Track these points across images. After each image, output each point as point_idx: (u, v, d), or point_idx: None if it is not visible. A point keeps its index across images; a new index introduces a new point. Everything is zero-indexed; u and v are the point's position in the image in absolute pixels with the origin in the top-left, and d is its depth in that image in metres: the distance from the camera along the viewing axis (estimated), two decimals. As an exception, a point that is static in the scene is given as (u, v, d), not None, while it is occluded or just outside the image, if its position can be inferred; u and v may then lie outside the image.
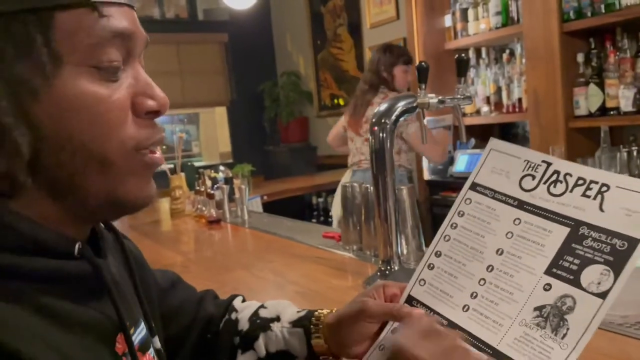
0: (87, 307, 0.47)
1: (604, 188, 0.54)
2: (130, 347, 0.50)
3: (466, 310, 0.58)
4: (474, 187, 0.64)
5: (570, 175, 0.57)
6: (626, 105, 2.27)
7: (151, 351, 0.57)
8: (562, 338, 0.51)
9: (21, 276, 0.42)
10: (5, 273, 0.41)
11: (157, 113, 0.49)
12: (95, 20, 0.43)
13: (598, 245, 0.52)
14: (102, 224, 0.56)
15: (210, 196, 2.12)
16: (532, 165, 0.60)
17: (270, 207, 2.99)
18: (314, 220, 3.76)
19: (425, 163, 3.24)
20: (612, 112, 2.34)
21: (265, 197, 3.05)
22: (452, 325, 0.58)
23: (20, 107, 0.41)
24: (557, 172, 0.58)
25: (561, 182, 0.57)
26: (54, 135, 0.43)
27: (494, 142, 0.65)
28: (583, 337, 0.50)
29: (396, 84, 2.66)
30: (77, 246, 0.46)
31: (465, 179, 0.66)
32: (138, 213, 0.55)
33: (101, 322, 0.48)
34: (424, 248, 1.37)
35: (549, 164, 0.59)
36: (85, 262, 0.47)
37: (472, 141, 3.12)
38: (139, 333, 0.55)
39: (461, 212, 0.64)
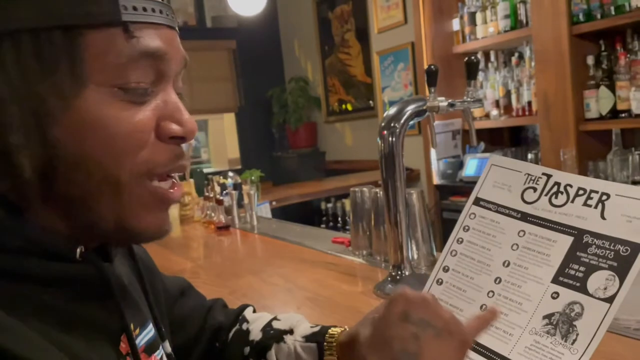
0: (92, 307, 0.47)
1: (604, 197, 0.56)
2: (133, 348, 0.50)
3: None
4: (478, 202, 0.66)
5: (571, 186, 0.59)
6: (637, 107, 2.25)
7: (159, 353, 0.57)
8: (572, 343, 0.52)
9: (22, 278, 0.42)
10: (6, 275, 0.41)
11: (182, 139, 0.47)
12: (125, 41, 0.42)
13: (602, 252, 0.54)
14: None
15: (220, 202, 2.12)
16: (533, 178, 0.62)
17: (279, 213, 2.99)
18: (322, 226, 3.75)
19: (434, 167, 3.23)
20: (623, 115, 2.32)
21: (274, 203, 3.04)
22: None
23: (36, 127, 0.41)
24: (557, 183, 0.60)
25: (562, 193, 0.59)
26: (70, 154, 0.42)
27: (494, 158, 0.67)
28: (593, 341, 0.51)
29: None
30: (78, 250, 0.46)
31: (476, 183, 0.67)
32: None
33: (105, 322, 0.48)
34: (434, 253, 1.36)
35: (549, 176, 0.61)
36: (89, 265, 0.47)
37: (482, 145, 3.10)
38: (146, 335, 0.55)
39: (466, 227, 0.65)
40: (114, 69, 0.42)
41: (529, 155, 2.88)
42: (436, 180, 3.23)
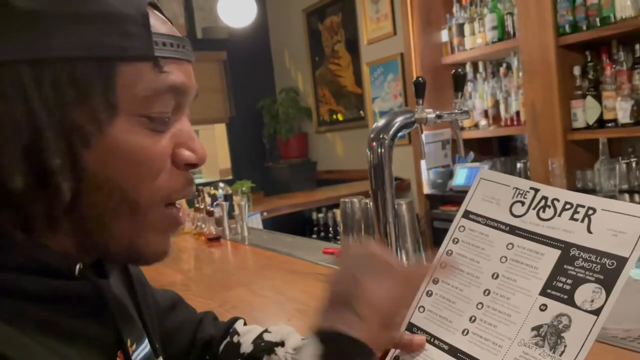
0: (89, 323, 0.48)
1: (591, 211, 0.57)
2: None
3: (466, 334, 0.59)
4: (467, 215, 0.66)
5: (558, 201, 0.60)
6: (624, 117, 2.28)
7: None
8: (561, 355, 0.52)
9: (22, 295, 0.43)
10: (6, 292, 0.42)
11: (194, 166, 0.50)
12: (155, 74, 0.45)
13: (589, 265, 0.54)
14: None
15: (210, 213, 2.12)
16: (521, 192, 0.63)
17: (270, 224, 2.98)
18: (314, 236, 3.75)
19: (424, 176, 3.24)
20: (610, 124, 2.35)
21: (265, 214, 3.04)
22: (452, 349, 0.60)
23: (70, 151, 0.42)
24: (545, 197, 0.61)
25: (549, 207, 0.60)
26: (95, 177, 0.44)
27: (483, 172, 0.68)
28: (580, 353, 0.51)
29: None
30: (77, 267, 0.47)
31: (465, 192, 0.68)
32: None
33: (102, 338, 0.49)
34: (424, 263, 1.37)
35: (537, 190, 0.62)
36: (87, 282, 0.47)
37: (471, 155, 3.12)
38: (142, 351, 0.56)
39: (456, 240, 0.66)
40: (142, 99, 0.45)
41: (518, 165, 2.90)
42: (426, 189, 3.24)
